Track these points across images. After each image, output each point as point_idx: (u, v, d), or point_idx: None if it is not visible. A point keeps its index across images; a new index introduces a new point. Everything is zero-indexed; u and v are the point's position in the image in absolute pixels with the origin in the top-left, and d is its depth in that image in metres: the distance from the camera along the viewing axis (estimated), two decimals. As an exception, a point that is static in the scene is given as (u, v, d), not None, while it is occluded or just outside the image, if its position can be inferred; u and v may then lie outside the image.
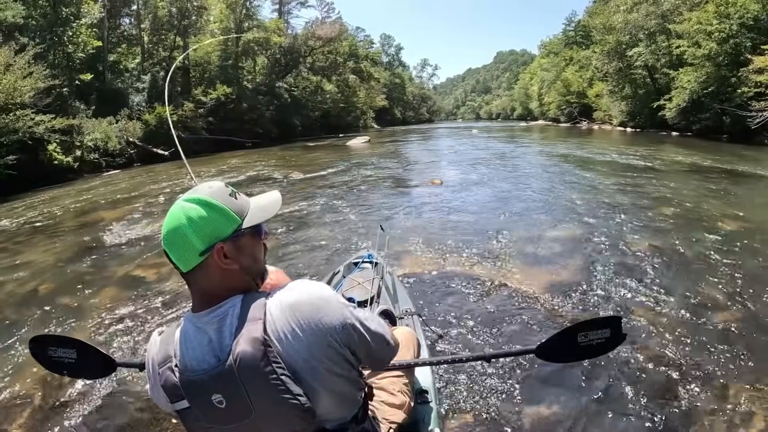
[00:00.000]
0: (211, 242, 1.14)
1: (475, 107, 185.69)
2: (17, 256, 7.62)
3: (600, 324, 1.63)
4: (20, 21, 19.12)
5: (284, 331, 1.10)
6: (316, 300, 1.15)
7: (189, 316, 1.20)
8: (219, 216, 1.16)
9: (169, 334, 1.21)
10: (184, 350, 1.15)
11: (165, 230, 1.16)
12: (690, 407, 3.02)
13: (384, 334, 1.32)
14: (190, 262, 1.15)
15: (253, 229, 1.24)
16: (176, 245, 1.14)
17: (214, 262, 1.15)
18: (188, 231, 1.13)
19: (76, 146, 19.81)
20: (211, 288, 1.17)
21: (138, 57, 33.30)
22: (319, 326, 1.12)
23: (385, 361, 1.42)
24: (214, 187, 1.21)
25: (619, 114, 39.67)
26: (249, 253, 1.23)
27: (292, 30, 49.94)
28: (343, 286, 3.19)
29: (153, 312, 5.00)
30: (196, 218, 1.13)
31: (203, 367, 1.10)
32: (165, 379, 1.15)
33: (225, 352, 1.08)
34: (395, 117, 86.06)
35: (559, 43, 73.51)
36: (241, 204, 1.23)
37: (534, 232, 7.18)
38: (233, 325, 1.10)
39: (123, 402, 3.44)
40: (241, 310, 1.12)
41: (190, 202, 1.16)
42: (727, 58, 23.18)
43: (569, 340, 1.64)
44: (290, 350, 1.10)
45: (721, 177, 11.61)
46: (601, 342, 1.62)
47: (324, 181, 13.93)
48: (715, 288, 4.79)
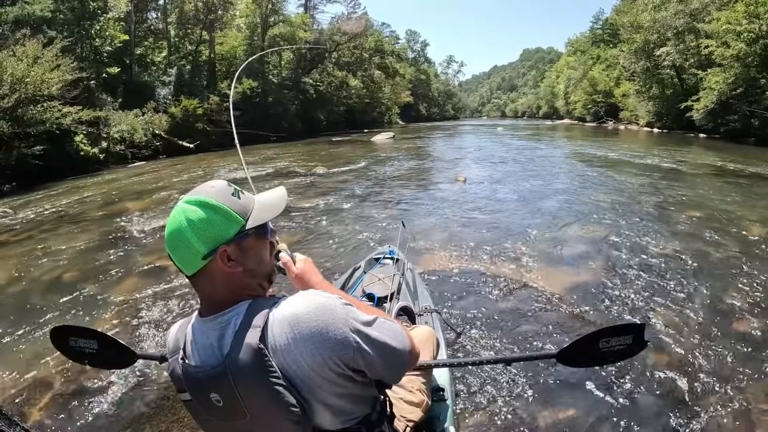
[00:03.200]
0: (213, 246, 1.09)
1: (500, 105, 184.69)
2: (43, 244, 7.70)
3: (622, 330, 1.59)
4: (48, 15, 19.34)
5: (282, 343, 1.05)
6: (320, 316, 1.07)
7: (197, 316, 1.19)
8: (221, 217, 1.11)
9: (183, 325, 1.22)
10: (190, 347, 1.15)
11: (167, 233, 1.13)
12: (709, 417, 2.93)
13: (401, 348, 1.21)
14: (193, 266, 1.11)
15: (258, 229, 1.19)
16: (178, 249, 1.11)
17: (218, 266, 1.11)
18: (189, 234, 1.09)
19: (102, 138, 20.08)
20: (215, 293, 1.14)
21: (164, 51, 33.68)
22: (318, 345, 1.05)
23: (400, 375, 1.29)
24: (216, 187, 1.17)
25: (645, 114, 38.90)
26: (254, 254, 1.19)
27: (317, 25, 50.15)
28: (364, 282, 3.18)
29: (174, 304, 4.99)
30: (196, 221, 1.09)
31: (203, 368, 1.10)
32: (173, 369, 1.17)
33: (223, 356, 1.07)
34: (420, 113, 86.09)
35: (587, 41, 72.52)
36: (244, 203, 1.18)
37: (557, 233, 7.08)
38: (234, 332, 1.08)
39: (141, 393, 3.46)
40: (244, 318, 1.09)
41: (190, 204, 1.12)
42: (756, 59, 22.54)
43: (591, 346, 1.60)
44: (287, 361, 1.05)
45: (748, 181, 11.22)
46: (623, 348, 1.58)
47: (347, 176, 13.95)
48: (739, 295, 4.63)
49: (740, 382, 3.22)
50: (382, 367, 1.16)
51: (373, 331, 1.13)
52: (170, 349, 1.20)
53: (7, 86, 14.71)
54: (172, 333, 1.23)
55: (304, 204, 9.58)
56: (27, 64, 15.42)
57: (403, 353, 1.21)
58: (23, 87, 15.05)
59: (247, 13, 38.94)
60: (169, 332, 1.26)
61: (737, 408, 2.97)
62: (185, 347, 1.15)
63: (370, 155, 19.99)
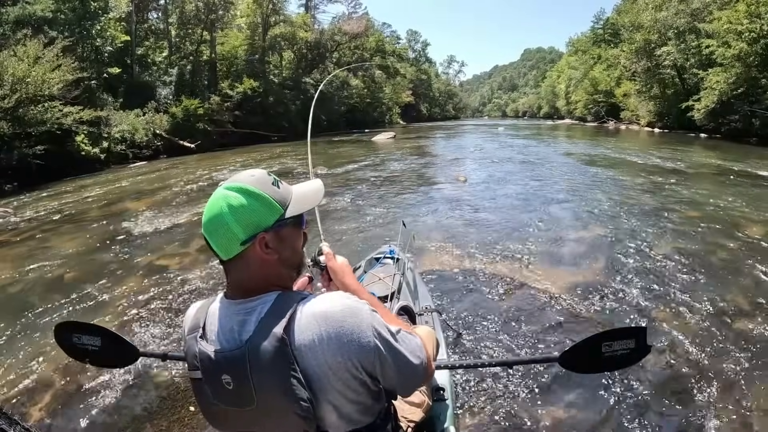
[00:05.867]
0: (253, 232, 1.12)
1: (501, 105, 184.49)
2: (44, 244, 7.71)
3: (625, 334, 1.58)
4: (49, 15, 19.33)
5: (306, 338, 1.06)
6: (348, 317, 1.09)
7: (222, 298, 1.20)
8: (261, 205, 1.14)
9: (204, 305, 1.23)
10: (210, 326, 1.16)
11: (206, 217, 1.14)
12: (710, 417, 2.92)
13: (418, 365, 1.21)
14: (230, 251, 1.13)
15: (296, 219, 1.23)
16: (217, 233, 1.12)
17: (255, 252, 1.13)
18: (230, 219, 1.11)
19: (103, 138, 20.07)
20: (247, 279, 1.16)
21: (165, 51, 33.67)
22: (342, 345, 1.07)
23: (412, 389, 1.30)
24: (256, 175, 1.19)
25: (646, 114, 38.82)
26: (290, 243, 1.22)
27: (318, 25, 50.12)
28: (364, 281, 3.16)
29: (176, 302, 5.01)
30: (237, 207, 1.11)
31: (221, 348, 1.10)
32: (189, 347, 1.17)
33: (243, 339, 1.08)
34: (421, 113, 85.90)
35: (588, 41, 72.23)
36: (284, 193, 1.21)
37: (558, 233, 7.08)
38: (259, 319, 1.09)
39: (144, 391, 3.47)
40: (271, 307, 1.10)
41: (232, 190, 1.14)
42: (757, 58, 22.47)
43: (593, 350, 1.59)
44: (308, 357, 1.06)
45: (749, 181, 11.20)
46: (625, 353, 1.57)
47: (348, 175, 13.95)
48: (741, 295, 4.62)
49: (741, 382, 3.22)
50: (395, 378, 1.17)
51: (395, 342, 1.15)
52: (189, 328, 1.21)
53: (8, 86, 14.73)
54: (191, 313, 1.24)
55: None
56: (28, 64, 15.46)
57: (418, 368, 1.22)
58: (24, 87, 15.08)
59: (247, 13, 38.87)
60: (187, 312, 1.27)
61: (738, 408, 2.97)
62: (205, 326, 1.17)
63: (371, 155, 19.99)
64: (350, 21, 50.01)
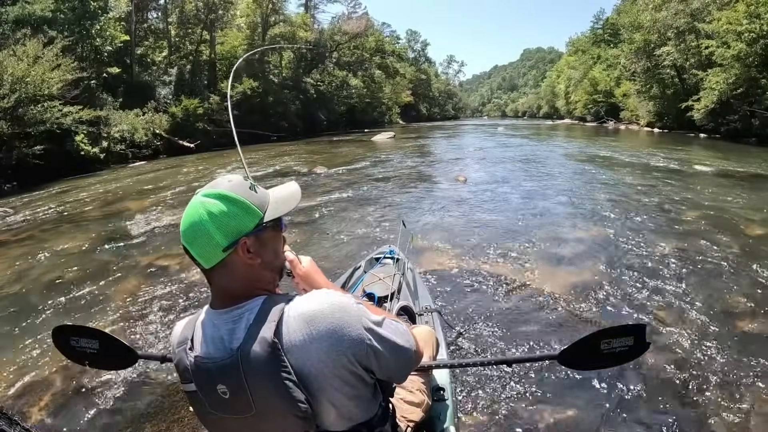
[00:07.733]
0: (234, 237, 1.12)
1: (501, 105, 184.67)
2: (43, 244, 7.69)
3: (624, 331, 1.59)
4: (49, 14, 19.28)
5: (297, 339, 1.07)
6: (336, 313, 1.09)
7: (207, 309, 1.20)
8: (241, 210, 1.14)
9: (191, 320, 1.22)
10: (199, 338, 1.16)
11: (184, 226, 1.13)
12: (710, 417, 2.92)
13: (408, 347, 1.25)
14: (212, 259, 1.12)
15: (275, 222, 1.23)
16: (198, 242, 1.12)
17: (238, 258, 1.13)
18: (210, 227, 1.10)
19: (103, 137, 20.04)
20: (232, 286, 1.16)
21: (165, 50, 33.63)
22: (334, 342, 1.08)
23: (407, 373, 1.34)
24: (233, 181, 1.19)
25: (646, 114, 38.83)
26: (271, 247, 1.22)
27: (318, 25, 50.09)
28: (364, 281, 3.18)
29: (176, 303, 4.99)
30: (217, 213, 1.11)
31: (212, 358, 1.10)
32: (179, 360, 1.16)
33: (234, 347, 1.07)
34: (420, 113, 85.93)
35: (587, 41, 72.26)
36: (261, 197, 1.21)
37: (557, 233, 7.08)
38: (248, 325, 1.09)
39: (141, 393, 3.46)
40: (258, 312, 1.10)
41: (210, 197, 1.13)
42: (756, 59, 22.48)
43: (592, 347, 1.60)
44: (301, 358, 1.07)
45: (749, 181, 11.21)
46: (624, 350, 1.58)
47: (348, 175, 13.93)
48: (740, 295, 4.63)
49: (742, 382, 3.22)
50: (390, 365, 1.19)
51: (383, 330, 1.16)
52: (177, 342, 1.20)
53: (7, 86, 14.74)
54: (178, 329, 1.24)
55: (305, 203, 9.52)
56: (27, 64, 15.45)
57: (409, 351, 1.25)
58: (24, 87, 15.09)
59: (247, 13, 38.85)
60: (174, 329, 1.27)
61: (738, 408, 2.96)
62: (193, 339, 1.16)
63: (371, 155, 19.96)
64: (350, 21, 49.98)
